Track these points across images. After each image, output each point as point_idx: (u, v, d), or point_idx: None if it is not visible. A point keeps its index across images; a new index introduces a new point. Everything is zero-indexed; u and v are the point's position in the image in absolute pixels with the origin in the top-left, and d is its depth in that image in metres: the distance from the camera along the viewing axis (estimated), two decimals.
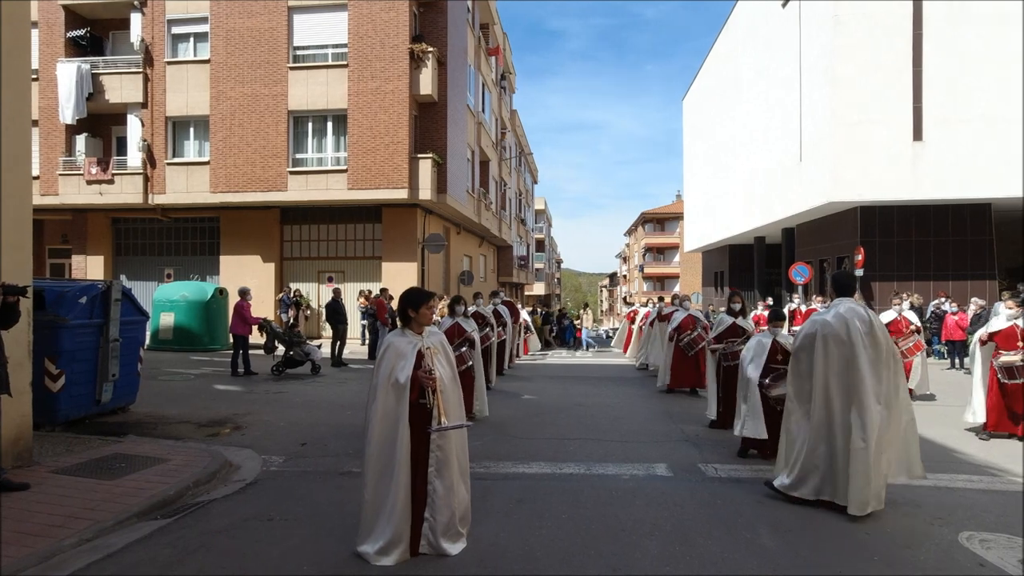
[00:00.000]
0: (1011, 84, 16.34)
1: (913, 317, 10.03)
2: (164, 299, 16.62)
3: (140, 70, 19.07)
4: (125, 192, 19.18)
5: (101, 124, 20.03)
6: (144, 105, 19.16)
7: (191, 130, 19.50)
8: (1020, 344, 7.08)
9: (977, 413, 7.35)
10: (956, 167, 16.67)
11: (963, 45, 16.61)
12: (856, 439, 4.54)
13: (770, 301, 17.36)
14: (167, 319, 16.32)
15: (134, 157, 19.33)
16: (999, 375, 7.13)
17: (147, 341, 10.97)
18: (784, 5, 20.53)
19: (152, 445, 6.37)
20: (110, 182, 19.20)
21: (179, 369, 12.69)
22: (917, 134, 16.90)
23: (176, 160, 19.32)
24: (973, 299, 13.99)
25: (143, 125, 19.21)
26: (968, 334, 13.47)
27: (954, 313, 13.86)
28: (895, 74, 16.92)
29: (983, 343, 7.38)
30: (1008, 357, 7.06)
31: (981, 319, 12.89)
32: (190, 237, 20.69)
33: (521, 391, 10.98)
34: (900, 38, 16.93)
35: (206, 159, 18.96)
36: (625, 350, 19.20)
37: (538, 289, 58.58)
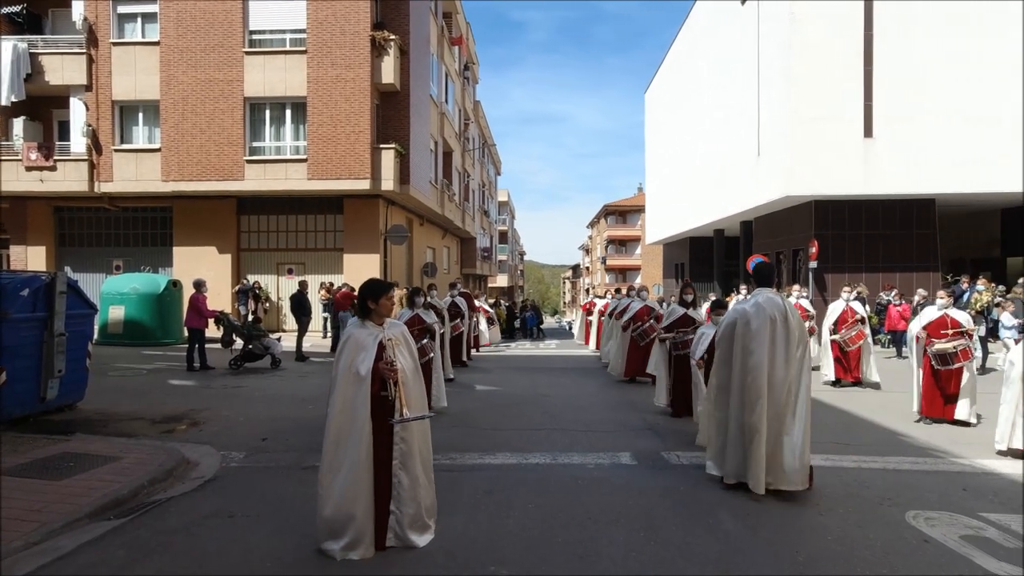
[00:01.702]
0: (956, 84, 17.10)
1: (859, 307, 10.44)
2: (113, 292, 15.93)
3: (83, 51, 18.13)
4: (68, 179, 18.26)
5: (41, 107, 18.99)
6: (88, 88, 18.25)
7: (140, 115, 18.68)
8: (949, 332, 7.46)
9: (915, 401, 7.70)
10: (904, 163, 17.38)
11: (912, 46, 17.28)
12: (756, 421, 4.80)
13: (743, 291, 17.61)
14: (116, 312, 15.67)
15: (78, 143, 18.40)
16: (933, 362, 7.51)
17: (95, 335, 10.50)
18: (743, 3, 20.95)
19: (103, 443, 6.12)
20: (52, 169, 18.24)
21: (131, 364, 12.21)
22: (868, 131, 17.52)
23: (124, 147, 18.49)
24: (919, 290, 14.67)
25: (87, 109, 18.30)
26: (910, 324, 14.13)
27: (897, 304, 14.49)
28: (848, 72, 17.49)
29: (918, 339, 7.70)
30: (942, 345, 7.43)
31: (922, 309, 13.53)
32: (140, 227, 19.86)
33: (485, 383, 10.99)
34: (852, 38, 17.49)
35: (157, 146, 18.21)
36: (586, 342, 19.42)
37: (501, 281, 58.66)
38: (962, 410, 7.42)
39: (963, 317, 7.62)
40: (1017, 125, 16.79)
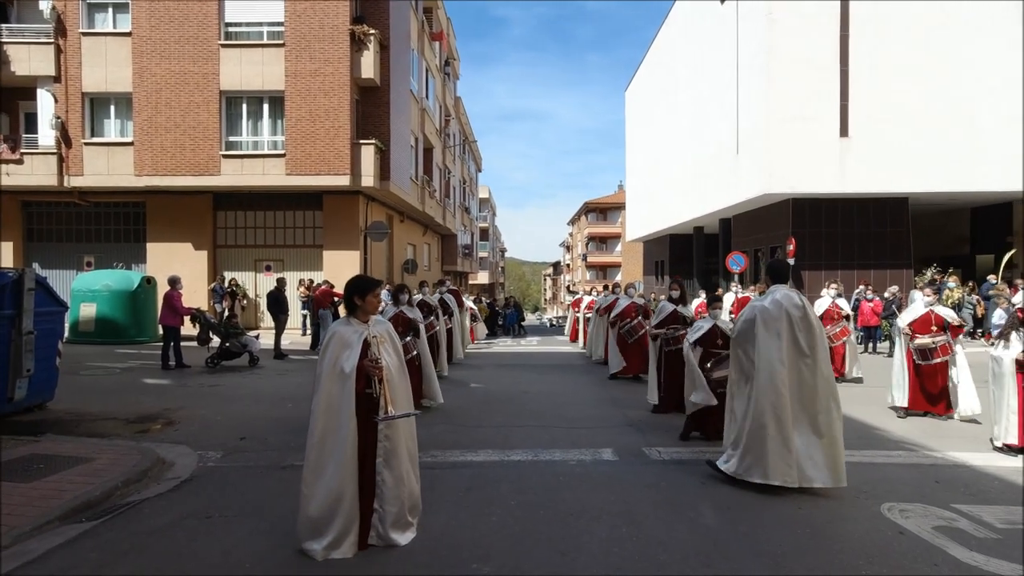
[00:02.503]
0: (928, 86, 17.46)
1: (844, 304, 10.64)
2: (84, 289, 15.55)
3: (51, 40, 17.62)
4: (37, 173, 17.75)
5: (7, 99, 18.41)
6: (57, 79, 17.74)
7: (111, 108, 18.22)
8: (934, 328, 7.63)
9: (896, 396, 7.80)
10: (878, 163, 17.71)
11: (886, 47, 17.60)
12: (775, 417, 4.78)
13: (734, 287, 17.71)
14: (88, 310, 15.29)
15: (46, 135, 17.89)
16: (915, 357, 7.66)
17: (66, 334, 10.23)
18: (722, 2, 21.13)
19: (74, 444, 5.96)
20: (19, 162, 17.71)
21: (103, 363, 11.93)
22: (844, 131, 17.81)
23: (95, 140, 18.02)
24: (891, 287, 14.98)
25: (56, 101, 17.80)
26: (882, 319, 14.42)
27: (869, 300, 14.80)
28: (825, 72, 17.75)
29: (906, 333, 7.84)
30: (922, 340, 7.59)
31: (893, 305, 13.84)
32: (112, 223, 19.41)
33: (468, 379, 10.96)
34: (829, 38, 17.76)
35: (129, 139, 17.78)
36: (572, 338, 19.48)
37: (482, 278, 58.56)
38: (966, 404, 7.39)
39: (948, 314, 7.77)
40: (993, 126, 17.22)
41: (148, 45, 17.39)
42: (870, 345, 15.10)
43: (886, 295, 14.65)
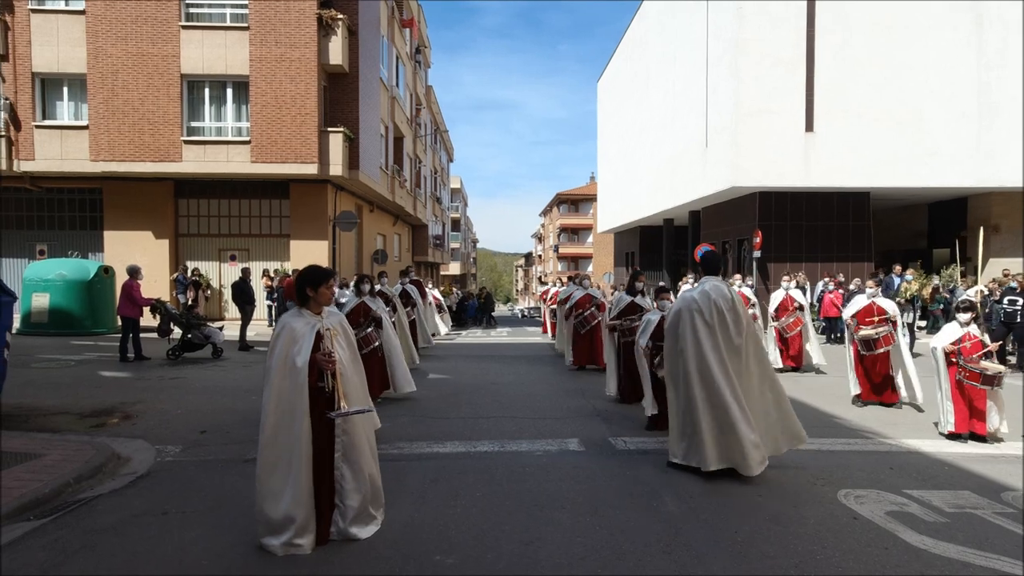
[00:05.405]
0: (888, 84, 17.91)
1: (798, 295, 10.87)
2: (37, 278, 14.95)
3: None
4: None
5: None
6: (4, 58, 16.90)
7: (64, 89, 17.46)
8: (875, 319, 7.85)
9: (852, 387, 8.05)
10: (841, 158, 18.12)
11: (850, 45, 17.97)
12: (709, 406, 4.90)
13: (691, 279, 17.93)
14: (40, 300, 14.71)
15: None
16: (859, 348, 7.88)
17: (17, 325, 9.82)
18: None
19: (23, 439, 5.73)
20: None
21: (57, 355, 11.50)
22: (809, 126, 18.16)
23: (47, 123, 17.27)
24: (855, 280, 15.40)
25: (3, 81, 16.97)
26: (841, 311, 14.85)
27: (830, 292, 15.20)
28: (791, 69, 18.04)
29: (849, 325, 8.10)
30: (866, 331, 7.81)
31: (853, 297, 14.28)
32: (67, 210, 18.66)
33: (435, 370, 10.91)
34: (796, 35, 18.03)
35: (84, 123, 17.09)
36: (544, 330, 19.53)
37: (454, 269, 58.31)
38: (900, 392, 7.73)
39: (888, 305, 8.01)
40: (948, 124, 17.78)
41: (103, 24, 16.69)
42: (832, 336, 15.51)
43: (851, 287, 15.04)
